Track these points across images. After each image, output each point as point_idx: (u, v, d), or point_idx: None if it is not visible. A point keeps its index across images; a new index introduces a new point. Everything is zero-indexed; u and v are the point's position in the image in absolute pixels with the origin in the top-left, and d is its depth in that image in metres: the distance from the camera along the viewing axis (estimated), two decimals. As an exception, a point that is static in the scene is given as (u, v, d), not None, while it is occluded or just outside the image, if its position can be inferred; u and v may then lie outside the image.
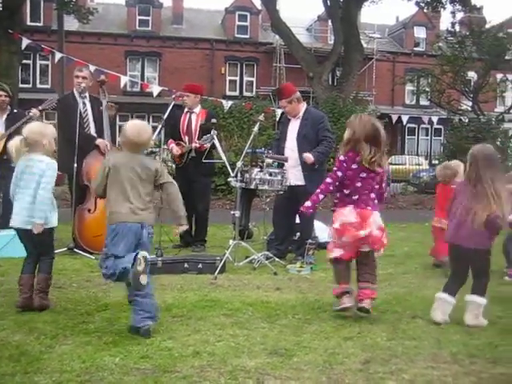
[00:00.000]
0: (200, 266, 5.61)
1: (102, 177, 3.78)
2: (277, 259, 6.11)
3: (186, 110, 6.85)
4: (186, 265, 5.62)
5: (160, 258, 5.67)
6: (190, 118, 6.82)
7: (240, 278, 5.46)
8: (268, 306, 4.39)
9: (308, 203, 4.38)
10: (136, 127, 3.81)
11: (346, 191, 4.23)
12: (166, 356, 3.26)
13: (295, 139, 6.24)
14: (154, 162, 4.04)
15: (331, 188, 4.31)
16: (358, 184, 4.20)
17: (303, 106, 6.38)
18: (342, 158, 4.24)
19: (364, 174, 4.19)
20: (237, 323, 3.93)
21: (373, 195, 4.26)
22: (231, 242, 5.91)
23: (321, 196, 4.34)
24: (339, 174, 4.23)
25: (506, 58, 21.95)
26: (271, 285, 5.19)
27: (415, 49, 31.70)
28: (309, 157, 6.03)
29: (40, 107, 6.45)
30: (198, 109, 6.89)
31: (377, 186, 4.31)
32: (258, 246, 6.52)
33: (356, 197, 4.20)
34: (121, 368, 3.06)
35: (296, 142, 6.23)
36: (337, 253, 4.23)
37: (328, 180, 4.32)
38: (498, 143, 16.91)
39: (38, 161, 4.07)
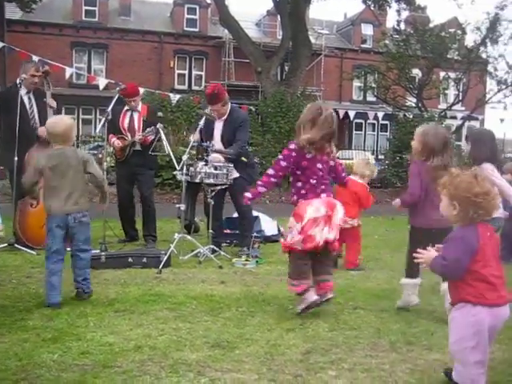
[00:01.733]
0: (144, 260, 5.55)
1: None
2: (222, 253, 6.11)
3: (126, 107, 6.77)
4: (130, 259, 5.55)
5: (104, 253, 5.59)
6: (131, 115, 6.76)
7: (185, 271, 5.44)
8: (212, 300, 4.39)
9: (249, 194, 4.21)
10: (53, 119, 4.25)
11: (313, 181, 4.03)
12: (107, 351, 3.21)
13: (220, 140, 6.28)
14: None
15: (273, 180, 4.13)
16: (320, 173, 4.05)
17: (229, 106, 6.41)
18: (292, 145, 4.04)
19: (320, 165, 4.04)
20: (180, 317, 3.92)
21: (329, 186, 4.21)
22: (176, 235, 5.87)
23: (262, 189, 4.16)
24: (283, 164, 4.04)
25: (448, 56, 22.66)
26: (216, 278, 5.19)
27: (362, 46, 32.22)
28: (218, 158, 6.08)
29: None
30: (139, 106, 6.87)
31: (333, 175, 4.29)
32: (204, 239, 6.50)
33: (323, 187, 4.08)
34: (59, 365, 2.99)
35: (221, 143, 6.27)
36: (299, 245, 3.93)
37: (270, 172, 4.12)
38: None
39: None
